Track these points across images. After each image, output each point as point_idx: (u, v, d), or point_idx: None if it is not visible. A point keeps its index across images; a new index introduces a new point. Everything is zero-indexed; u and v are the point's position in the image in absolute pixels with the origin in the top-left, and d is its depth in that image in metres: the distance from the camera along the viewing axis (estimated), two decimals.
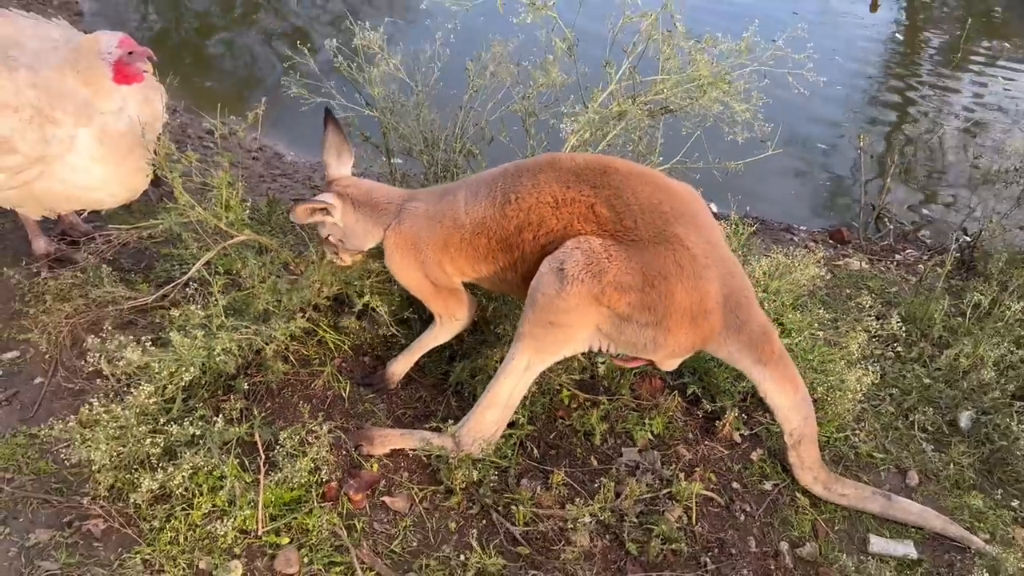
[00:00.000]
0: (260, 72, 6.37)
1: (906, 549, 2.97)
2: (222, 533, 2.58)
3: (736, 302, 2.76)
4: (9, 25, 3.36)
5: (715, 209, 5.14)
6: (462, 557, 2.71)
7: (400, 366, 3.24)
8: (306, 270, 3.23)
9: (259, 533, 2.64)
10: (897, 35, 8.93)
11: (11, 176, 3.26)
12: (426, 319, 3.29)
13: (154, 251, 3.80)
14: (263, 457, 2.72)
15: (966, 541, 3.01)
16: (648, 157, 3.65)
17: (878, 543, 2.97)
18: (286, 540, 2.64)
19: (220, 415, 2.85)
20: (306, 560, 2.61)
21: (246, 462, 2.79)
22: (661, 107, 3.63)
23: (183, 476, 2.63)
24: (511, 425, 3.05)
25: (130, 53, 3.26)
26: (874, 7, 9.09)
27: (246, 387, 3.11)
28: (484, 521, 2.83)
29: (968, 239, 5.02)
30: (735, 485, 3.11)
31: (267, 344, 3.05)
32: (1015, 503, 3.22)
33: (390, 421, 3.17)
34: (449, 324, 3.13)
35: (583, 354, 3.14)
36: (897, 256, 5.10)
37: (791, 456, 3.02)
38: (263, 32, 6.91)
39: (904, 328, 3.84)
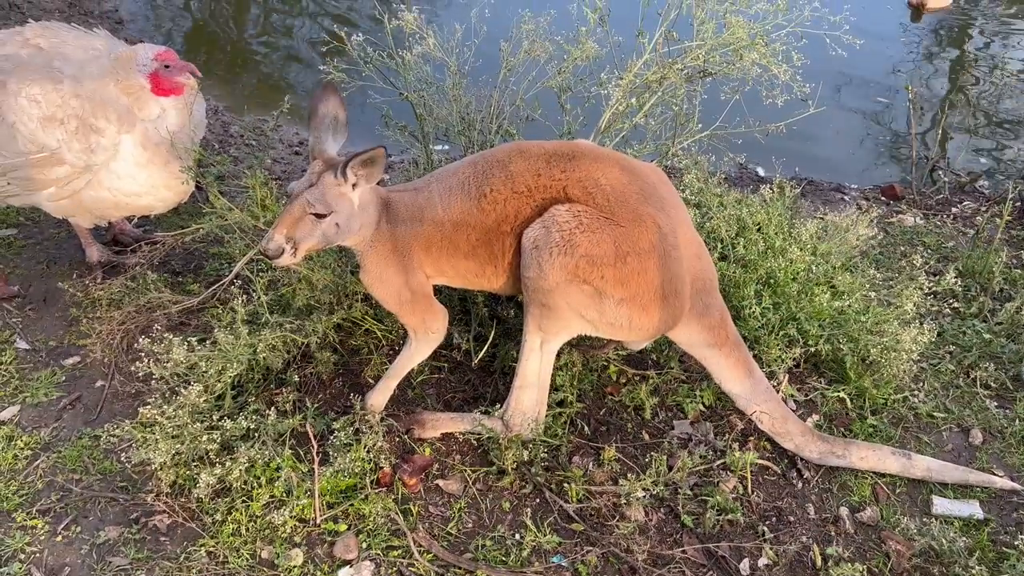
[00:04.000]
0: (300, 70, 6.41)
1: (971, 509, 2.89)
2: (281, 523, 2.62)
3: (702, 285, 2.82)
4: (53, 37, 3.44)
5: (761, 172, 5.12)
6: (517, 536, 2.72)
7: (379, 397, 3.03)
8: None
9: (317, 521, 2.68)
10: None
11: (61, 187, 3.34)
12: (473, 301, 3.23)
13: (203, 251, 3.85)
14: (316, 447, 2.73)
15: (988, 483, 2.97)
16: (687, 124, 3.61)
17: (941, 504, 2.91)
18: (344, 527, 2.68)
19: (273, 408, 2.89)
20: (364, 545, 2.64)
21: (301, 453, 2.83)
22: (699, 71, 3.55)
23: (240, 469, 2.69)
24: (560, 404, 3.05)
25: (167, 66, 3.30)
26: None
27: (297, 379, 3.13)
28: (537, 500, 2.84)
29: None
30: (791, 452, 3.04)
31: (309, 337, 3.07)
32: None
33: (440, 405, 3.18)
34: (425, 339, 2.93)
35: None
36: (954, 209, 4.92)
37: (770, 434, 3.03)
38: (301, 29, 6.96)
39: (962, 283, 3.73)
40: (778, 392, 3.12)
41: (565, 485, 2.85)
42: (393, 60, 3.60)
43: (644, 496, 2.79)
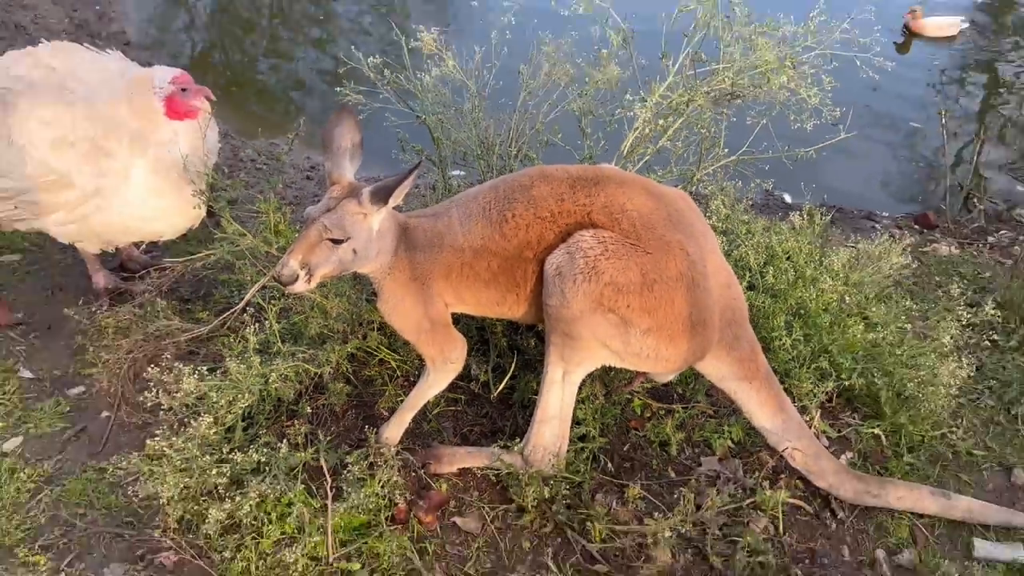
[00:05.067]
0: (307, 94, 6.36)
1: (1015, 552, 2.78)
2: (292, 561, 2.51)
3: (731, 315, 2.75)
4: (67, 58, 3.37)
5: (788, 199, 5.03)
6: None
7: (393, 430, 2.94)
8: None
9: (330, 560, 2.58)
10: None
11: (70, 211, 3.27)
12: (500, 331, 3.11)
13: (213, 279, 3.70)
14: (330, 482, 2.65)
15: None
16: (713, 149, 3.50)
17: (983, 547, 2.80)
18: (357, 566, 2.59)
19: (285, 441, 2.78)
20: None
21: (313, 487, 2.73)
22: (727, 94, 3.45)
23: (251, 505, 2.59)
24: (582, 439, 2.95)
25: (183, 90, 3.23)
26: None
27: (309, 411, 3.01)
28: (559, 539, 2.74)
29: None
30: (824, 491, 2.92)
31: (323, 367, 2.98)
32: None
33: (457, 439, 3.09)
34: (443, 369, 2.84)
35: None
36: (990, 238, 4.78)
37: (803, 472, 2.91)
38: (310, 52, 6.92)
39: (1001, 315, 3.59)
40: (810, 428, 2.99)
41: (588, 524, 2.74)
42: (410, 83, 3.52)
43: (671, 536, 2.66)
